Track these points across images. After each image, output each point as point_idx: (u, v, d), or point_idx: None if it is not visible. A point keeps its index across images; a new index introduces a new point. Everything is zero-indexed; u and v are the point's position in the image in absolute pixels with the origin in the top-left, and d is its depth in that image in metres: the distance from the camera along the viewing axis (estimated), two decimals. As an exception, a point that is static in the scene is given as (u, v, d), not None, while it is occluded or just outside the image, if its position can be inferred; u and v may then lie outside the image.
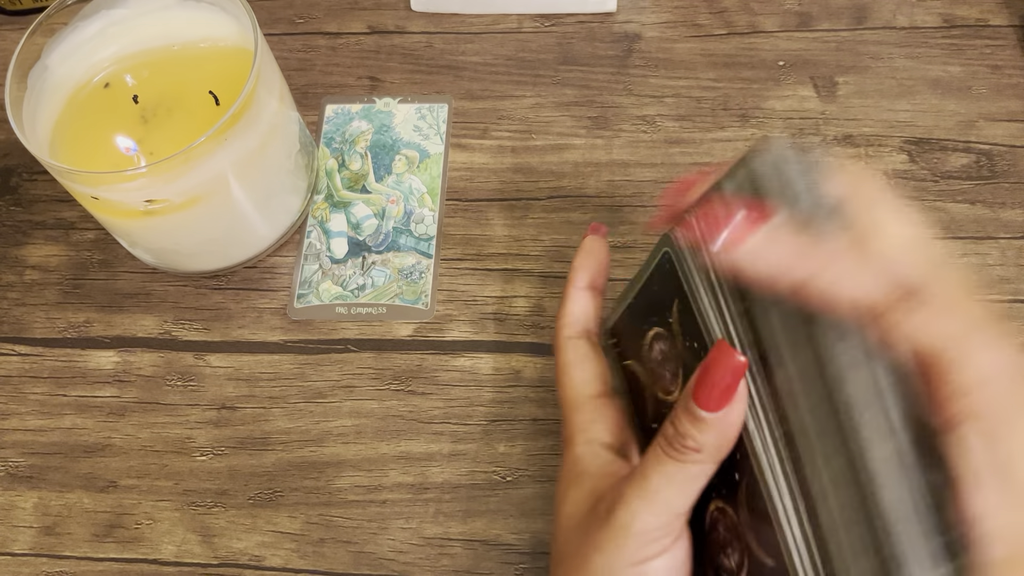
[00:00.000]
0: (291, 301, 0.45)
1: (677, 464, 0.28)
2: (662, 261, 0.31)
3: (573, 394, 0.34)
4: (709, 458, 0.27)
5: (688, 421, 0.27)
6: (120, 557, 0.40)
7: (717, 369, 0.26)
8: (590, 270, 0.36)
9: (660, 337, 0.32)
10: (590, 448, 0.32)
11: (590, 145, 0.47)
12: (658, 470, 0.28)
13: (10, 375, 0.44)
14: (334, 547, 0.39)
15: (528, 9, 0.52)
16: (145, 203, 0.38)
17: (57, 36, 0.41)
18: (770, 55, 0.49)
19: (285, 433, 0.42)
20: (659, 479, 0.28)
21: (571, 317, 0.36)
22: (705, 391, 0.26)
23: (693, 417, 0.27)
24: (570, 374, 0.34)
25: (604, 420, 0.33)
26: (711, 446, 0.27)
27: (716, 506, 0.30)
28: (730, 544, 0.29)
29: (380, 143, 0.49)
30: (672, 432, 0.28)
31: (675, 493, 0.28)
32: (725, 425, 0.27)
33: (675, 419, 0.28)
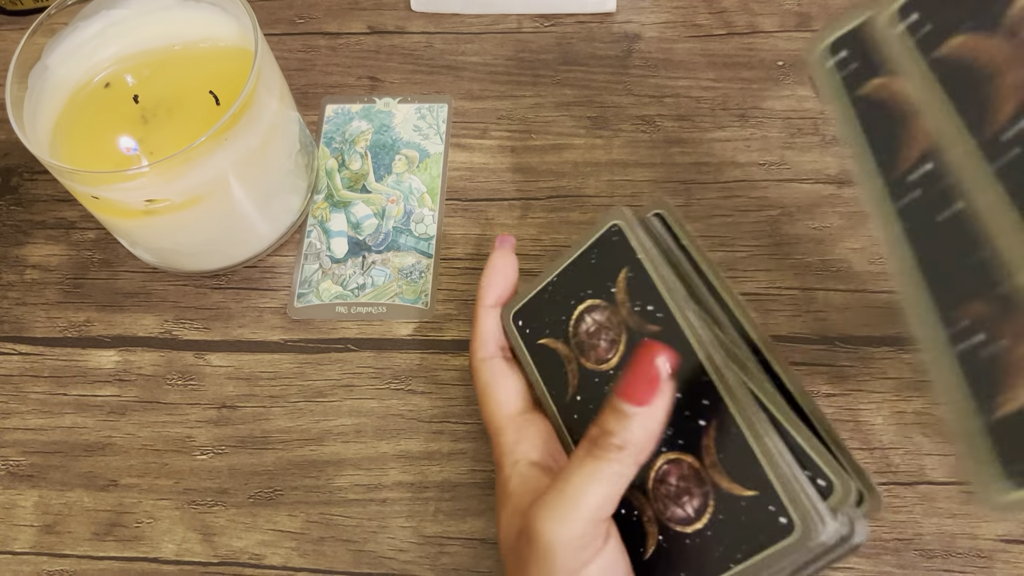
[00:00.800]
0: (291, 300, 0.45)
1: (599, 463, 0.27)
2: (608, 233, 0.33)
3: (495, 416, 0.34)
4: (631, 457, 0.27)
5: (613, 418, 0.27)
6: (120, 556, 0.40)
7: (641, 363, 0.27)
8: (498, 287, 0.37)
9: (595, 308, 0.34)
10: (516, 469, 0.32)
11: (590, 145, 0.48)
12: (580, 472, 0.28)
13: (11, 374, 0.44)
14: (334, 546, 0.40)
15: (528, 9, 0.52)
16: (146, 203, 0.38)
17: (58, 36, 0.41)
18: (769, 55, 0.49)
19: (285, 432, 0.42)
20: (581, 482, 0.28)
21: (484, 338, 0.36)
22: (631, 385, 0.27)
23: (619, 413, 0.27)
24: (489, 396, 0.35)
25: (528, 438, 0.33)
26: (635, 443, 0.27)
27: (667, 459, 0.30)
28: (687, 492, 0.30)
29: (380, 143, 0.49)
30: (596, 432, 0.28)
31: (601, 495, 0.28)
32: (650, 420, 0.27)
33: (600, 420, 0.28)
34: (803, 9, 0.51)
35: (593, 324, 0.33)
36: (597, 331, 0.33)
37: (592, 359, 0.33)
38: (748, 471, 0.28)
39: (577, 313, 0.34)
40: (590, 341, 0.34)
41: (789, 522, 0.27)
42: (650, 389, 0.27)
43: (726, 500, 0.29)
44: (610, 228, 0.33)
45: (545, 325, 0.35)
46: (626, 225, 0.33)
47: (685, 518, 0.30)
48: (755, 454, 0.28)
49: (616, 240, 0.33)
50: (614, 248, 0.33)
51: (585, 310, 0.34)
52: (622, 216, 0.33)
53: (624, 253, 0.33)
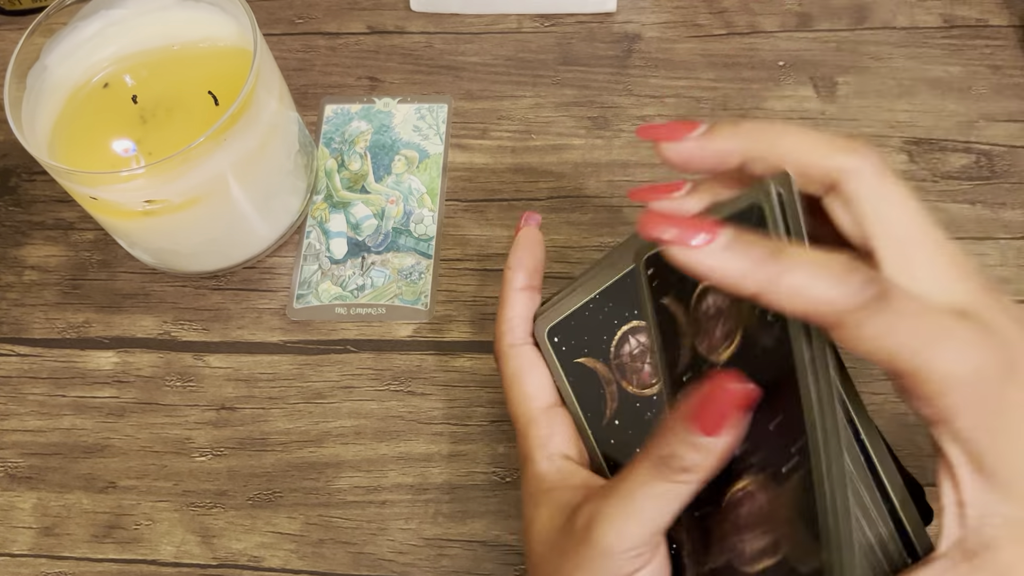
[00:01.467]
0: (290, 301, 0.45)
1: (666, 484, 0.27)
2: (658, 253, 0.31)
3: (525, 408, 0.33)
4: (698, 478, 0.27)
5: (682, 442, 0.26)
6: (119, 558, 0.40)
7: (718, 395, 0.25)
8: (527, 268, 0.34)
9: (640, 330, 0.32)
10: (552, 463, 0.31)
11: (590, 145, 0.47)
12: (646, 489, 0.27)
13: (9, 375, 0.44)
14: (333, 548, 0.39)
15: (528, 9, 0.52)
16: (144, 203, 0.38)
17: (56, 36, 0.41)
18: (770, 55, 0.49)
19: (284, 434, 0.42)
20: (646, 498, 0.27)
21: (512, 323, 0.34)
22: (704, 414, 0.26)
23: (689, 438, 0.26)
24: (519, 387, 0.33)
25: (560, 432, 0.32)
26: (702, 467, 0.26)
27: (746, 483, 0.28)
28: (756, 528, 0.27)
29: (379, 143, 0.48)
30: (665, 453, 0.27)
31: (660, 511, 0.27)
32: (720, 448, 0.26)
33: (668, 439, 0.27)
34: (803, 9, 0.51)
35: (637, 347, 0.32)
36: (641, 354, 0.32)
37: (635, 383, 0.32)
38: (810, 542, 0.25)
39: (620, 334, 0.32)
40: (633, 364, 0.32)
41: None
42: (722, 421, 0.25)
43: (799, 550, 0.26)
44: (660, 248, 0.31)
45: (584, 343, 0.33)
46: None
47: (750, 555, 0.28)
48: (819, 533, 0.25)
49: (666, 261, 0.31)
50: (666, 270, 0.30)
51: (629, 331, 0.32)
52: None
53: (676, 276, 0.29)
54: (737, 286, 0.24)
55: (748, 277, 0.24)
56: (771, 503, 0.27)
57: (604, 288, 0.33)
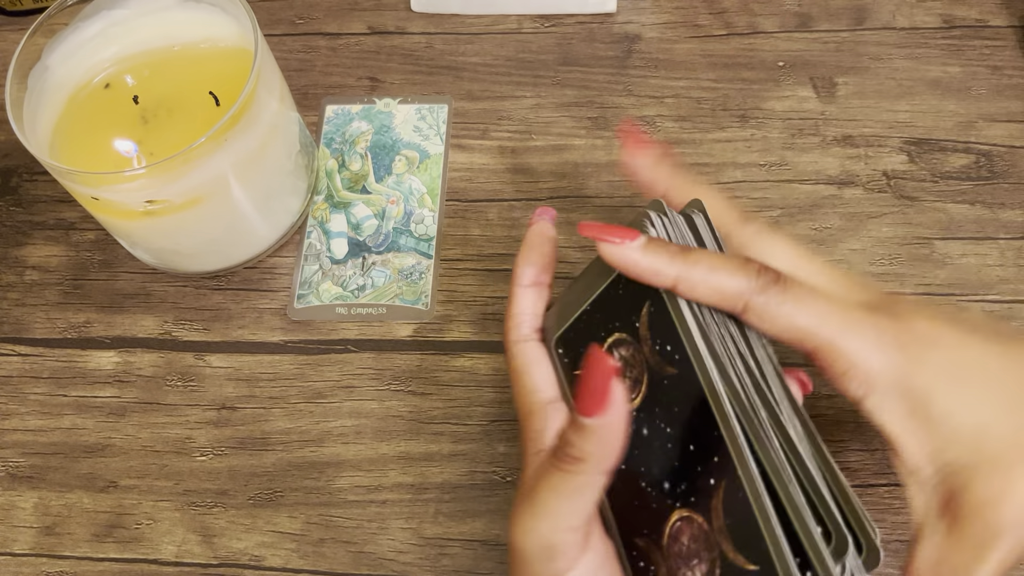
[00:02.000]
0: (291, 301, 0.45)
1: (561, 474, 0.27)
2: None
3: (527, 400, 0.33)
4: (593, 468, 0.27)
5: (571, 430, 0.26)
6: (120, 557, 0.40)
7: (590, 375, 0.26)
8: (535, 265, 0.35)
9: (622, 343, 0.31)
10: (537, 458, 0.32)
11: (590, 146, 0.48)
12: (544, 484, 0.27)
13: (10, 375, 0.44)
14: (334, 547, 0.39)
15: (528, 10, 0.52)
16: (145, 204, 0.38)
17: (57, 37, 0.41)
18: (770, 56, 0.49)
19: (285, 433, 0.42)
20: (546, 493, 0.27)
21: (519, 318, 0.34)
22: (583, 397, 0.26)
23: (576, 425, 0.26)
24: (522, 380, 0.33)
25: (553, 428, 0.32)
26: (594, 454, 0.26)
27: (680, 516, 0.29)
28: (696, 555, 0.28)
29: (380, 143, 0.49)
30: (558, 443, 0.27)
31: (564, 507, 0.27)
32: (607, 431, 0.26)
33: (562, 429, 0.27)
34: (803, 9, 0.51)
35: (619, 360, 0.32)
36: (624, 367, 0.31)
37: None
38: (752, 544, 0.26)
39: (607, 346, 0.32)
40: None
41: None
42: (600, 401, 0.26)
43: (731, 570, 0.27)
44: None
45: (579, 356, 0.33)
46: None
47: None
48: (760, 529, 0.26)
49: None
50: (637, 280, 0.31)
51: (613, 344, 0.32)
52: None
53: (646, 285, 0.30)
54: (657, 277, 0.29)
55: (663, 271, 0.29)
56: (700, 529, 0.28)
57: (594, 298, 0.33)
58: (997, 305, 0.42)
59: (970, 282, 0.42)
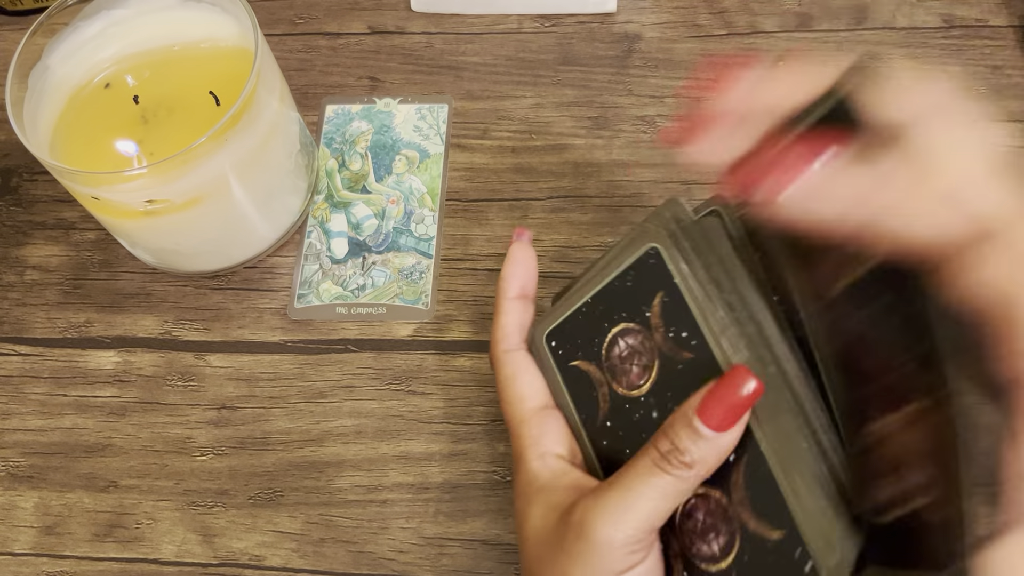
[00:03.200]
0: (291, 301, 0.45)
1: (667, 478, 0.27)
2: (645, 256, 0.31)
3: (518, 408, 0.34)
4: (698, 474, 0.27)
5: (687, 436, 0.27)
6: (120, 557, 0.40)
7: (732, 390, 0.26)
8: (520, 278, 0.36)
9: (628, 332, 0.32)
10: (544, 462, 0.32)
11: (590, 145, 0.48)
12: (646, 482, 0.28)
13: (11, 375, 0.44)
14: (334, 547, 0.39)
15: (528, 9, 0.52)
16: (145, 203, 0.38)
17: (58, 36, 0.41)
18: (770, 56, 0.49)
19: (285, 433, 0.42)
20: (646, 491, 0.28)
21: (506, 330, 0.35)
22: (714, 409, 0.26)
23: (694, 433, 0.27)
24: (513, 389, 0.34)
25: (551, 432, 0.33)
26: (705, 463, 0.27)
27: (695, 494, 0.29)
28: (713, 528, 0.29)
29: (380, 143, 0.49)
30: (668, 447, 0.27)
31: (659, 506, 0.28)
32: (723, 444, 0.27)
33: (673, 433, 0.27)
34: (803, 9, 0.51)
35: (626, 348, 0.32)
36: (630, 355, 0.32)
37: (624, 384, 0.32)
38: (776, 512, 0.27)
39: (611, 336, 0.33)
40: (622, 366, 0.32)
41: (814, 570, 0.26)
42: (731, 416, 0.26)
43: (752, 541, 0.28)
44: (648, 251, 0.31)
45: (578, 347, 0.34)
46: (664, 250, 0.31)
47: (711, 556, 0.29)
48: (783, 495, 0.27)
49: (653, 263, 0.31)
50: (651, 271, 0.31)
51: (619, 333, 0.33)
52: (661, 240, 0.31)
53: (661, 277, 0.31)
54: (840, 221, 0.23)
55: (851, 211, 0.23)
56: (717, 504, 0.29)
57: (596, 291, 0.33)
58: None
59: (970, 282, 0.42)
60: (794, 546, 0.26)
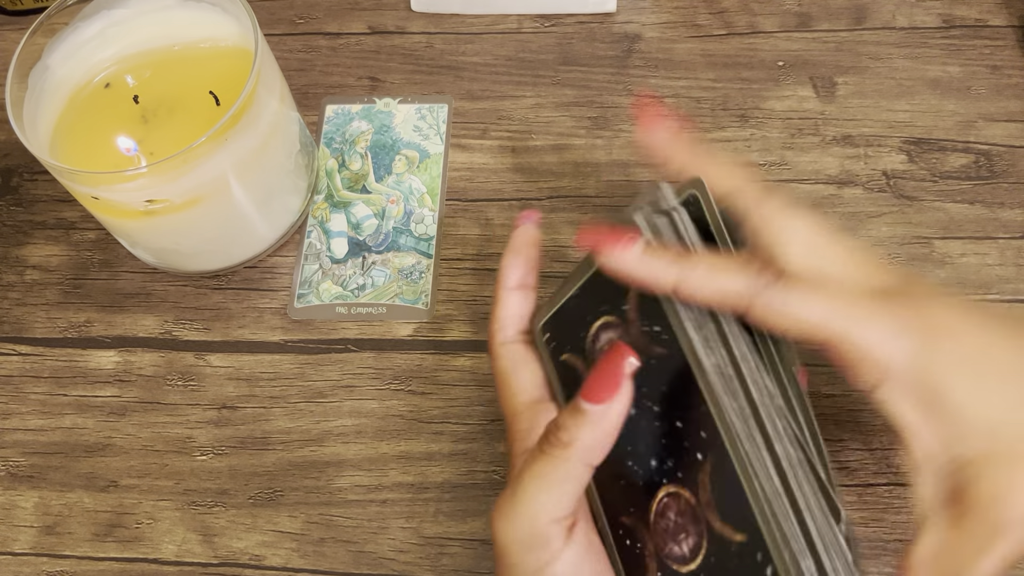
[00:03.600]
0: (291, 301, 0.45)
1: (546, 459, 0.27)
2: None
3: (511, 402, 0.34)
4: (579, 456, 0.27)
5: (568, 414, 0.27)
6: (121, 556, 0.40)
7: (607, 363, 0.27)
8: (519, 268, 0.35)
9: (609, 326, 0.32)
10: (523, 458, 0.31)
11: (590, 145, 0.48)
12: (528, 471, 0.28)
13: (11, 375, 0.44)
14: (334, 547, 0.40)
15: (528, 9, 0.52)
16: (145, 203, 0.38)
17: (58, 36, 0.41)
18: (770, 55, 0.49)
19: (285, 433, 0.42)
20: (529, 480, 0.28)
21: (504, 321, 0.35)
22: (592, 382, 0.27)
23: (574, 409, 0.27)
24: (507, 382, 0.34)
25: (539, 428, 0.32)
26: (583, 442, 0.27)
27: (667, 492, 0.29)
28: (683, 529, 0.29)
29: (380, 143, 0.49)
30: (549, 427, 0.28)
31: (547, 496, 0.27)
32: (603, 422, 0.27)
33: (557, 416, 0.28)
34: (803, 9, 0.51)
35: (607, 342, 0.32)
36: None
37: None
38: (739, 514, 0.27)
39: (594, 330, 0.33)
40: None
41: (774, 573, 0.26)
42: (609, 388, 0.27)
43: (718, 542, 0.28)
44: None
45: (566, 340, 0.34)
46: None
47: (681, 556, 0.29)
48: (747, 497, 0.27)
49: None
50: None
51: (601, 327, 0.33)
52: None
53: None
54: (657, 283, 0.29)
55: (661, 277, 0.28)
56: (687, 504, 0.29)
57: (581, 284, 0.33)
58: (997, 304, 0.42)
59: (969, 281, 0.43)
60: (756, 549, 0.26)
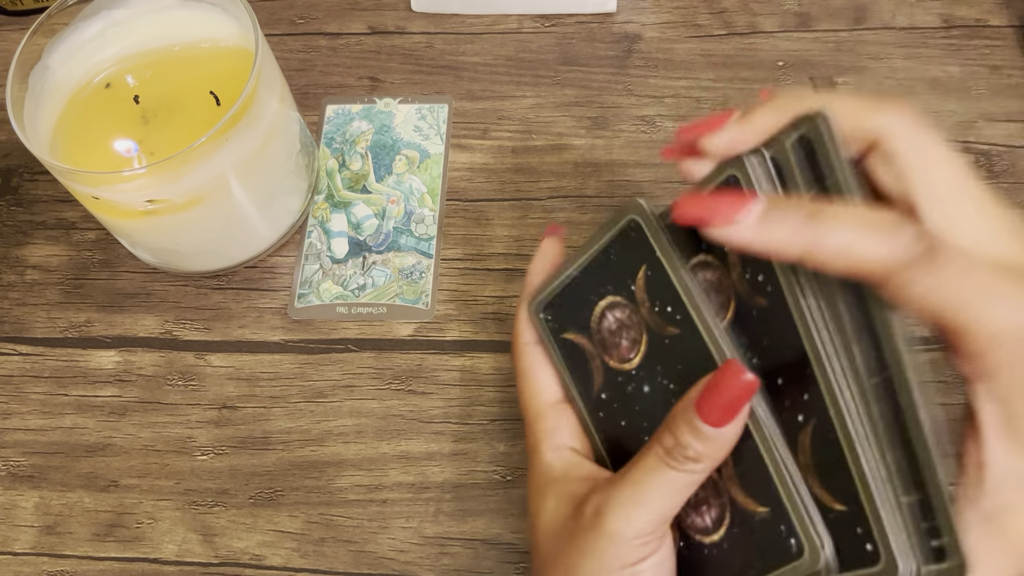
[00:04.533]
0: (292, 301, 0.45)
1: (674, 473, 0.28)
2: (626, 228, 0.31)
3: (535, 402, 0.34)
4: (706, 468, 0.28)
5: (689, 433, 0.27)
6: (121, 556, 0.40)
7: (725, 386, 0.26)
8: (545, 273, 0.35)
9: (616, 306, 0.32)
10: (558, 454, 0.32)
11: (590, 145, 0.48)
12: (655, 477, 0.28)
13: (11, 375, 0.44)
14: (334, 546, 0.40)
15: (528, 9, 0.52)
16: (146, 203, 0.38)
17: (58, 36, 0.41)
18: (770, 55, 0.49)
19: (286, 433, 0.42)
20: (655, 486, 0.28)
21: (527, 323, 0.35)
22: (710, 406, 0.26)
23: (695, 430, 0.27)
24: (530, 381, 0.34)
25: (566, 426, 0.33)
26: (711, 457, 0.27)
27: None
28: (705, 502, 0.29)
29: (380, 143, 0.49)
30: (672, 443, 0.28)
31: (669, 499, 0.28)
32: (727, 439, 0.27)
33: (675, 429, 0.28)
34: (803, 9, 0.51)
35: (615, 322, 0.32)
36: (619, 329, 0.32)
37: (615, 357, 0.33)
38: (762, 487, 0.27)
39: (599, 310, 0.33)
40: (612, 339, 0.33)
41: (798, 545, 0.26)
42: (729, 412, 0.26)
43: (741, 515, 0.28)
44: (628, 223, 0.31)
45: (569, 319, 0.34)
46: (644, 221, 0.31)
47: (704, 527, 0.29)
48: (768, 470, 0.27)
49: (635, 236, 0.31)
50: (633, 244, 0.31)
51: (607, 307, 0.33)
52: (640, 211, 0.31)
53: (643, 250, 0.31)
54: (781, 254, 0.24)
55: (790, 245, 0.24)
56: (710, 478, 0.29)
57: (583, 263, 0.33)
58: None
59: (970, 282, 0.43)
60: (779, 522, 0.27)
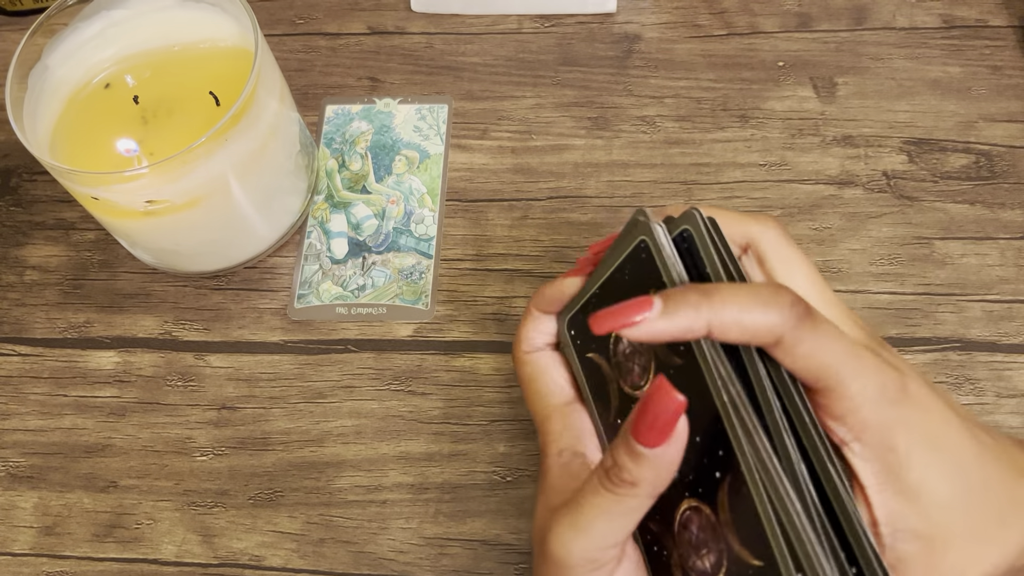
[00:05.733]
0: (291, 301, 0.45)
1: (613, 497, 0.27)
2: (637, 249, 0.30)
3: (542, 405, 0.34)
4: (645, 493, 0.27)
5: (626, 454, 0.26)
6: (120, 557, 0.40)
7: (655, 406, 0.25)
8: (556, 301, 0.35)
9: None
10: (560, 459, 0.32)
11: (590, 146, 0.48)
12: (592, 502, 0.27)
13: (10, 375, 0.44)
14: (334, 547, 0.39)
15: (528, 10, 0.52)
16: (145, 204, 0.38)
17: (57, 37, 0.41)
18: (770, 56, 0.49)
19: (285, 433, 0.42)
20: (593, 511, 0.27)
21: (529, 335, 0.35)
22: (644, 427, 0.26)
23: (631, 451, 0.26)
24: (534, 386, 0.34)
25: (575, 427, 0.33)
26: (648, 481, 0.26)
27: (689, 505, 0.29)
28: (705, 545, 0.28)
29: (380, 144, 0.49)
30: (610, 463, 0.27)
31: (610, 525, 0.27)
32: (663, 461, 0.26)
33: (614, 450, 0.27)
34: (803, 9, 0.51)
35: (628, 346, 0.32)
36: (632, 354, 0.31)
37: (628, 383, 0.32)
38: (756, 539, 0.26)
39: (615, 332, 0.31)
40: (626, 364, 0.32)
41: None
42: (663, 434, 0.25)
43: (737, 564, 0.27)
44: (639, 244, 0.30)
45: (591, 339, 0.33)
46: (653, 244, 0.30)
47: (704, 571, 0.28)
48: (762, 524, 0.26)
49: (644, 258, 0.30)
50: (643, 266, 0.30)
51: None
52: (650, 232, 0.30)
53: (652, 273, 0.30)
54: (689, 335, 0.27)
55: (693, 326, 0.26)
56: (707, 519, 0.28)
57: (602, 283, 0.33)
58: (997, 305, 0.42)
59: (970, 282, 0.42)
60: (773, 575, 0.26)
